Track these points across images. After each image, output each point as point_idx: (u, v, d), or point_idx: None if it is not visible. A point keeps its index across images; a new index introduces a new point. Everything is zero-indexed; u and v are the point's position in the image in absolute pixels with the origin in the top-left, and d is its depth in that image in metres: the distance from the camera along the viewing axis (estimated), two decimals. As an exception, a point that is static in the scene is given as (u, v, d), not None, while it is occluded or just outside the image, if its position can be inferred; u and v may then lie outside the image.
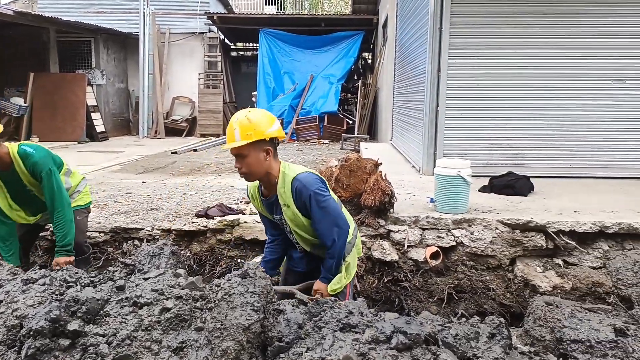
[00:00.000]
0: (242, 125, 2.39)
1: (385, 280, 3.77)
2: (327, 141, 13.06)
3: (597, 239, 3.68)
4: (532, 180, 4.79)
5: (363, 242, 3.76)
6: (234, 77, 16.88)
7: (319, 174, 2.65)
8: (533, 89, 5.51)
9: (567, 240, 3.65)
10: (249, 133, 2.38)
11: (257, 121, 2.41)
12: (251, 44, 18.70)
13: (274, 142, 2.50)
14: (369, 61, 17.32)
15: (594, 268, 3.59)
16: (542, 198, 4.47)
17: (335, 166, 3.89)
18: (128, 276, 2.23)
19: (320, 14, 22.60)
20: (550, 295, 3.34)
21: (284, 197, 2.53)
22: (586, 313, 2.27)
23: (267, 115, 2.51)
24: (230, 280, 1.91)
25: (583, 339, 2.07)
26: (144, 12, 13.86)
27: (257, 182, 2.64)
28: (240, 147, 2.41)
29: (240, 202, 4.92)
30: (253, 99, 14.91)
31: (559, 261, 3.69)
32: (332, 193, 2.63)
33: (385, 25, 12.50)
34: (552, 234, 3.66)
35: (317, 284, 2.62)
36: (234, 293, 1.83)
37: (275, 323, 1.90)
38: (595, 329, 2.10)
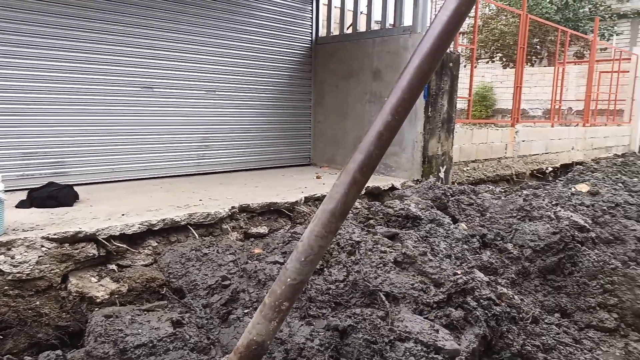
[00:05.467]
0: None
1: None
2: None
3: (146, 237, 3.86)
4: (76, 188, 4.57)
5: None
6: None
7: None
8: (70, 94, 5.22)
9: (119, 244, 3.66)
10: None
11: None
12: None
13: None
14: None
15: (146, 265, 3.74)
16: (89, 206, 4.33)
17: None
18: None
19: None
20: (109, 304, 3.27)
21: None
22: (146, 314, 2.32)
23: None
24: None
25: (146, 342, 2.10)
26: None
27: None
28: None
29: None
30: None
31: (113, 266, 3.66)
32: None
33: None
34: (103, 241, 3.59)
35: None
36: None
37: None
38: (155, 328, 2.16)
